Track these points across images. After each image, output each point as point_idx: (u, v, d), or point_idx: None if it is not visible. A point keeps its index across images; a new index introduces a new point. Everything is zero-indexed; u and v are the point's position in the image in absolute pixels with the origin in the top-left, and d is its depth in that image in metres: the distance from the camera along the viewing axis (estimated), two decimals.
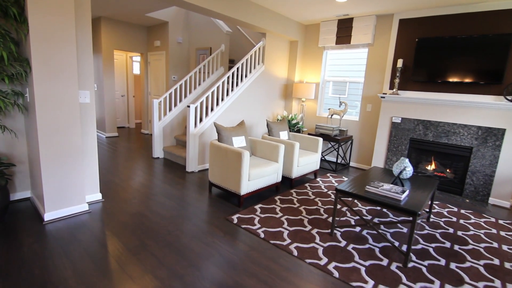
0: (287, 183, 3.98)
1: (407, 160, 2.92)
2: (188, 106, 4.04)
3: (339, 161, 5.39)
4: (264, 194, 3.53)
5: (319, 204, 3.32)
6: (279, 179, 3.59)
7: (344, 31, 5.03)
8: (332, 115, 5.16)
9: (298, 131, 5.42)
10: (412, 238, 2.15)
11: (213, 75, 5.57)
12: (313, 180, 4.24)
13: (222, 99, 4.60)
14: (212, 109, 4.73)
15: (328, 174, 4.60)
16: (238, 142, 3.51)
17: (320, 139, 4.25)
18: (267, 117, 5.48)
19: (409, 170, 2.89)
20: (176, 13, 6.14)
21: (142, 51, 6.79)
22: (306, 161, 3.94)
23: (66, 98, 2.45)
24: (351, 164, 5.28)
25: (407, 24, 4.42)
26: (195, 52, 6.34)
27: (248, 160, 3.00)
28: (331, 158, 5.53)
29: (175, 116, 5.07)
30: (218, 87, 4.68)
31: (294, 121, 5.42)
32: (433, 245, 2.55)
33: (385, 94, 4.51)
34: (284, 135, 4.27)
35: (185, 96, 5.43)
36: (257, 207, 3.11)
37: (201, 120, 4.79)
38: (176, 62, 6.35)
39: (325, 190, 3.83)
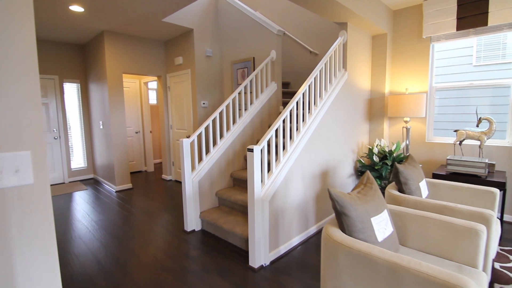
0: None
1: None
2: (250, 150, 2.21)
3: None
4: None
5: None
6: None
7: (471, 8, 3.18)
8: (462, 141, 3.20)
9: None
10: None
11: (263, 95, 3.80)
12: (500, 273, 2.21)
13: (298, 129, 2.77)
14: (284, 148, 2.90)
15: (498, 248, 2.56)
16: (382, 225, 1.60)
17: (497, 192, 2.27)
18: (351, 150, 3.58)
19: None
20: (203, 17, 4.54)
21: (159, 73, 5.19)
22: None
23: None
24: (507, 218, 3.21)
25: None
26: (231, 67, 4.66)
27: None
28: None
29: (215, 161, 3.26)
30: (291, 112, 2.86)
31: (395, 153, 3.49)
32: None
33: None
34: (423, 187, 2.33)
35: (228, 128, 3.66)
36: None
37: (269, 169, 2.96)
38: (205, 82, 4.67)
39: None
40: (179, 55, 4.83)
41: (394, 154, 3.47)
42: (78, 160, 5.68)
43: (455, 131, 3.29)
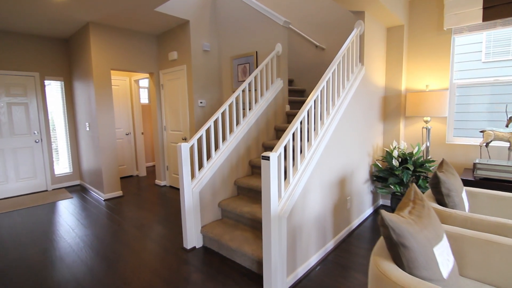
0: None
1: None
2: (266, 158, 1.84)
3: None
4: None
5: None
6: None
7: None
8: (489, 143, 2.92)
9: (423, 172, 3.15)
10: None
11: (269, 92, 3.44)
12: None
13: (315, 130, 2.41)
14: (301, 152, 2.53)
15: None
16: (444, 256, 1.27)
17: None
18: (367, 153, 3.25)
19: None
20: (200, 8, 4.14)
21: (152, 70, 4.77)
22: None
23: None
24: None
25: None
26: (231, 63, 4.28)
27: None
28: None
29: (218, 168, 2.88)
30: (309, 112, 2.48)
31: (415, 157, 3.17)
32: None
33: None
34: (464, 198, 2.02)
35: (231, 130, 3.29)
36: None
37: (285, 177, 2.59)
38: (202, 80, 4.28)
39: None
40: (173, 50, 4.42)
41: (414, 158, 3.16)
42: (63, 165, 5.21)
43: (481, 131, 3.00)
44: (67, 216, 3.64)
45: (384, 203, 3.75)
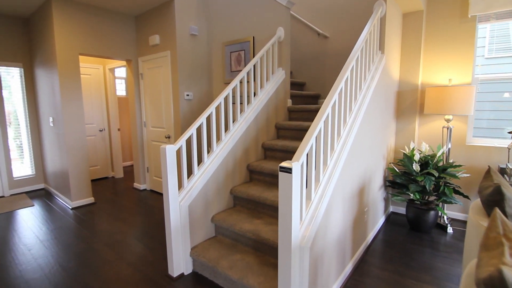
0: None
1: None
2: (286, 170, 1.35)
3: None
4: None
5: None
6: None
7: None
8: None
9: (442, 177, 2.78)
10: None
11: (270, 84, 2.94)
12: None
13: (339, 134, 1.94)
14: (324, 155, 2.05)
15: None
16: None
17: None
18: (382, 156, 2.85)
19: None
20: None
21: (129, 57, 4.12)
22: None
23: None
24: None
25: None
26: (222, 50, 3.72)
27: None
28: None
29: (211, 175, 2.36)
30: (333, 107, 1.97)
31: (435, 160, 2.80)
32: None
33: None
34: None
35: (226, 129, 2.77)
36: None
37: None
38: (189, 68, 3.70)
39: None
40: (154, 33, 3.80)
41: (433, 161, 2.79)
42: (24, 166, 4.47)
43: (509, 132, 2.67)
44: (24, 231, 2.99)
45: (395, 210, 3.38)
